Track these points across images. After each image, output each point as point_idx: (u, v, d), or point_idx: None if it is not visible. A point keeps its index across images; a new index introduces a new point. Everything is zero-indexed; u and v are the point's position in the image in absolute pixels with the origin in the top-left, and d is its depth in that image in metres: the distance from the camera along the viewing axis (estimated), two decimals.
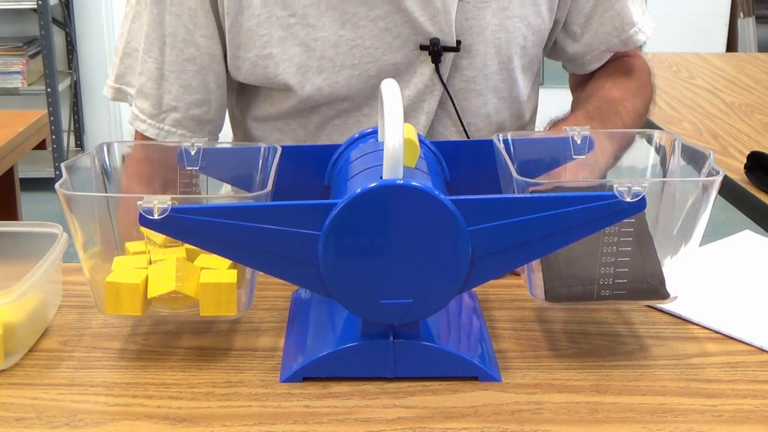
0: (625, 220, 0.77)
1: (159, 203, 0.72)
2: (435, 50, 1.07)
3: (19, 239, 0.90)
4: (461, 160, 0.89)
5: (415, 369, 0.78)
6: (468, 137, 1.12)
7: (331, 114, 1.11)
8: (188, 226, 0.73)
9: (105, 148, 0.89)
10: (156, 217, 0.72)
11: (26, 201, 2.14)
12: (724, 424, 0.72)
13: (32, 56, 3.86)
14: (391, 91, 0.76)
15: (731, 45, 4.27)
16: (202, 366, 0.80)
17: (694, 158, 0.83)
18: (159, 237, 0.83)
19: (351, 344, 0.78)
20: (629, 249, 0.79)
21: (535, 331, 0.86)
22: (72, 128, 4.08)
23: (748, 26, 4.31)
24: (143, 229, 0.80)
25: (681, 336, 0.86)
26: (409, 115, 1.10)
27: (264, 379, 0.78)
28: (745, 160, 1.44)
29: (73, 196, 0.78)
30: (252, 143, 0.90)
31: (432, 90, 1.10)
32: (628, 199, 0.73)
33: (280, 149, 0.85)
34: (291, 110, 1.11)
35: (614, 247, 0.79)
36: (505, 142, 0.87)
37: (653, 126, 1.66)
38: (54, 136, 3.75)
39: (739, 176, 1.43)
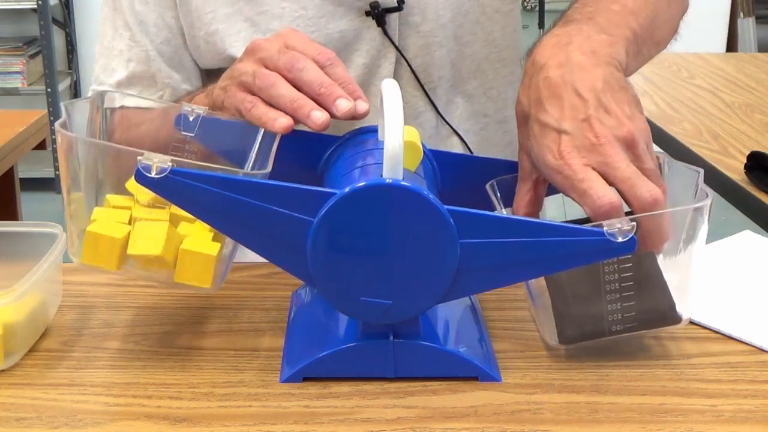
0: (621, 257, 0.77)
1: (159, 162, 0.72)
2: (377, 13, 1.06)
3: (19, 239, 0.90)
4: (456, 172, 0.88)
5: (415, 369, 0.78)
6: (426, 93, 1.11)
7: None
8: (184, 190, 0.72)
9: (104, 97, 0.89)
10: (153, 175, 0.72)
11: (26, 201, 2.15)
12: (724, 424, 0.72)
13: (32, 56, 3.87)
14: (391, 91, 0.76)
15: (731, 45, 4.28)
16: (202, 366, 0.80)
17: (687, 174, 0.82)
18: (146, 196, 0.81)
19: (351, 344, 0.78)
20: (631, 283, 0.79)
21: (535, 331, 0.86)
22: None
23: (748, 26, 4.32)
24: (130, 185, 0.78)
25: (681, 336, 0.86)
26: (367, 82, 1.09)
27: (264, 379, 0.78)
28: (745, 160, 1.44)
29: (71, 138, 0.78)
30: None
31: (386, 54, 1.09)
32: (620, 240, 0.72)
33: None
34: None
35: (617, 284, 0.79)
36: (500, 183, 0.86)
37: (652, 126, 1.66)
38: (54, 136, 3.75)
39: (739, 176, 1.43)
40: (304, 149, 0.86)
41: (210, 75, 1.16)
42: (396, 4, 1.07)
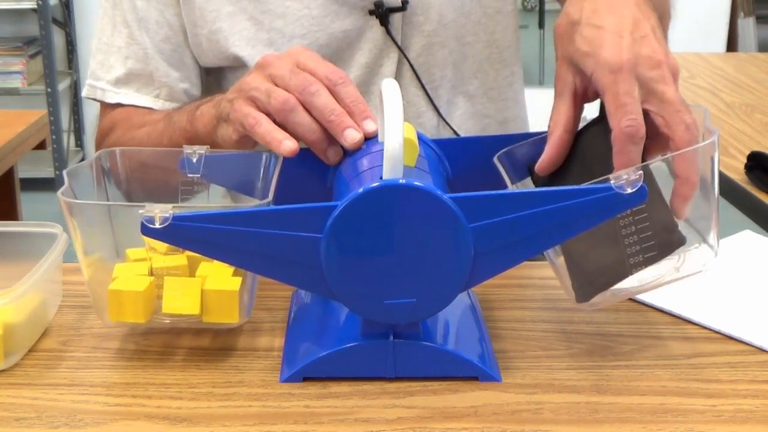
0: None
1: (160, 212, 0.72)
2: (380, 12, 1.07)
3: (19, 239, 0.90)
4: (464, 156, 0.88)
5: (415, 369, 0.78)
6: (428, 94, 1.11)
7: None
8: (190, 234, 0.73)
9: (107, 156, 0.89)
10: (157, 226, 0.72)
11: (26, 201, 2.15)
12: (724, 424, 0.72)
13: (32, 56, 3.86)
14: (391, 91, 0.76)
15: (731, 45, 4.28)
16: (202, 366, 0.80)
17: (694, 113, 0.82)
18: (162, 245, 0.83)
19: (351, 344, 0.78)
20: (645, 215, 0.78)
21: (535, 331, 0.86)
22: (72, 128, 4.08)
23: (748, 26, 4.31)
24: (146, 237, 0.80)
25: (681, 336, 0.86)
26: (369, 81, 1.10)
27: (264, 379, 0.78)
28: (745, 160, 1.44)
29: (74, 204, 0.78)
30: (254, 150, 0.90)
31: (388, 53, 1.10)
32: (629, 191, 0.72)
33: (281, 157, 0.85)
34: None
35: (631, 218, 0.78)
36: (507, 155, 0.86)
37: None
38: (54, 136, 3.75)
39: (739, 176, 1.43)
40: (310, 165, 0.86)
41: (210, 73, 1.16)
42: (400, 4, 1.07)
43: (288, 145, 0.82)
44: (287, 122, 0.83)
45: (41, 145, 2.02)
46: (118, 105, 1.14)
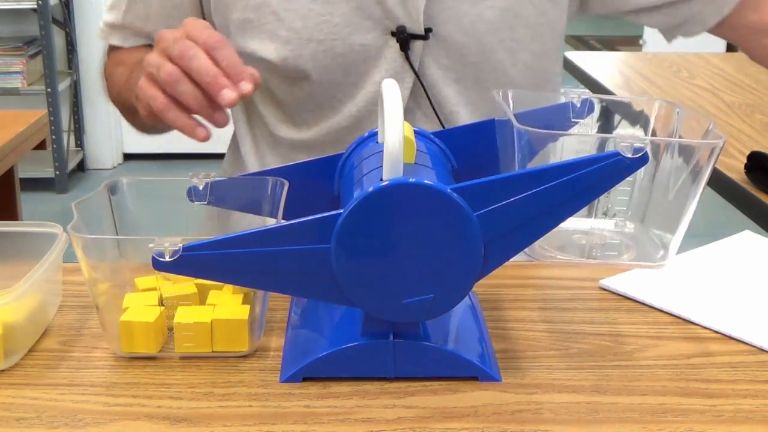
0: None
1: (170, 246, 0.73)
2: (402, 37, 1.06)
3: (19, 239, 0.90)
4: (468, 144, 0.88)
5: (415, 369, 0.78)
6: (442, 125, 1.11)
7: (303, 97, 1.11)
8: (201, 263, 0.73)
9: (113, 186, 0.89)
10: (168, 259, 0.73)
11: (26, 201, 2.15)
12: (724, 424, 0.72)
13: (32, 56, 3.87)
14: (391, 91, 0.76)
15: (731, 45, 4.27)
16: (202, 366, 0.80)
17: (700, 120, 0.83)
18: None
19: (351, 344, 0.78)
20: None
21: (535, 331, 0.86)
22: (72, 128, 4.08)
23: None
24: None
25: (681, 336, 0.86)
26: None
27: (264, 379, 0.78)
28: (745, 160, 1.44)
29: (85, 239, 0.79)
30: (258, 175, 0.90)
31: (403, 77, 1.09)
32: (629, 155, 0.72)
33: (287, 184, 0.85)
34: (268, 83, 1.13)
35: None
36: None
37: None
38: (54, 136, 3.75)
39: (739, 176, 1.43)
40: (316, 176, 0.86)
41: None
42: (422, 33, 1.07)
43: (202, 132, 0.85)
44: (176, 94, 0.85)
45: (41, 145, 2.02)
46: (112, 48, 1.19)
